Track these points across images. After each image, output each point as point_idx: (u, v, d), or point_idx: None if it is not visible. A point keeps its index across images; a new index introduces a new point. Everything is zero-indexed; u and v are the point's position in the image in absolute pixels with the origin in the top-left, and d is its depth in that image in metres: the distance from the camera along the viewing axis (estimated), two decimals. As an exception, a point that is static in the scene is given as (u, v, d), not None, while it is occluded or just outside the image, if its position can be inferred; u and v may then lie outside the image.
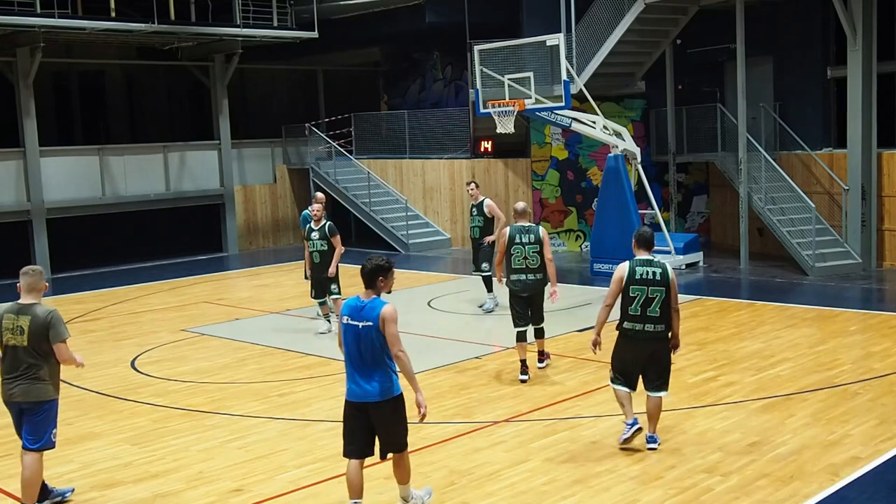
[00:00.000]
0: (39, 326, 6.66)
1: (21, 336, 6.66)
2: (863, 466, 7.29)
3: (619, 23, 18.37)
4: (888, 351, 10.91)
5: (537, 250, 10.03)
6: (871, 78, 16.23)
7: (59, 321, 6.75)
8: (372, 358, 6.27)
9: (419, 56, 25.31)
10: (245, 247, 24.09)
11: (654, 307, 7.69)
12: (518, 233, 10.11)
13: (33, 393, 6.70)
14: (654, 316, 7.71)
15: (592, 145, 19.81)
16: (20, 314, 6.71)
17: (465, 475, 7.39)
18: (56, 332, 6.69)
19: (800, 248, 16.64)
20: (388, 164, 23.88)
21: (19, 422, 6.82)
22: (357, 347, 6.29)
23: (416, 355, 11.64)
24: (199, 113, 26.10)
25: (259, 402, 9.70)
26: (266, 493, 7.23)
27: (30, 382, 6.68)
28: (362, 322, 6.26)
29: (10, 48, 19.57)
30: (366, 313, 6.26)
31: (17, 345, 6.68)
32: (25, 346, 6.66)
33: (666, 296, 7.69)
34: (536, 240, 10.06)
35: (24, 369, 6.67)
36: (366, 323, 6.25)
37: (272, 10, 22.03)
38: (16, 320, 6.70)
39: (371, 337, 6.24)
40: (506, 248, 10.15)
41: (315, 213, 12.65)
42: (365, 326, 6.25)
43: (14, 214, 20.05)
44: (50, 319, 6.69)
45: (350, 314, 6.33)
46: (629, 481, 7.15)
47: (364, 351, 6.27)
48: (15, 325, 6.69)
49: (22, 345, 6.67)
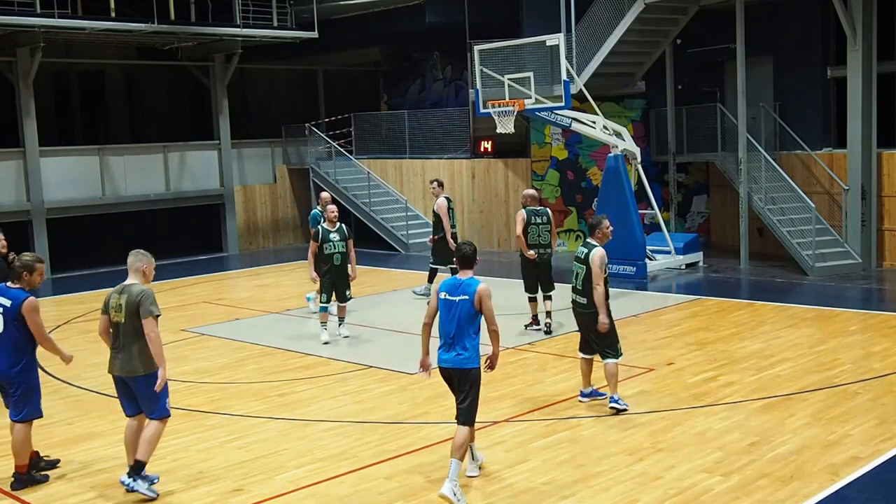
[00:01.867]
0: (132, 304, 7.14)
1: (121, 313, 7.20)
2: (863, 466, 7.29)
3: (619, 23, 18.37)
4: (888, 351, 10.91)
5: (548, 229, 12.31)
6: (871, 78, 16.23)
7: (148, 299, 7.15)
8: (463, 329, 6.97)
9: (419, 56, 25.31)
10: (245, 247, 24.09)
11: None
12: (532, 215, 12.23)
13: (132, 367, 7.19)
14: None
15: (592, 145, 19.81)
16: (121, 293, 7.26)
17: (465, 475, 7.39)
18: (144, 309, 7.11)
19: (800, 248, 16.64)
20: (388, 164, 23.88)
21: (125, 393, 7.35)
22: (450, 320, 7.00)
23: (416, 355, 11.64)
24: (199, 113, 26.10)
25: (259, 402, 9.70)
26: (266, 493, 7.23)
27: (128, 356, 7.19)
28: (459, 297, 7.01)
29: (10, 48, 19.58)
30: (463, 289, 7.02)
31: (119, 321, 7.23)
32: (123, 321, 7.18)
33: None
34: (548, 220, 12.30)
35: (124, 344, 7.21)
36: (462, 297, 6.99)
37: (272, 10, 22.03)
38: (118, 299, 7.25)
39: (464, 311, 6.97)
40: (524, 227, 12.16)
41: (332, 215, 12.32)
42: (461, 300, 6.99)
43: (14, 214, 20.04)
44: (140, 297, 7.14)
45: (448, 291, 7.09)
46: (629, 481, 7.15)
47: (456, 323, 6.98)
48: (117, 303, 7.25)
49: (121, 321, 7.20)
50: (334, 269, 12.25)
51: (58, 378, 11.06)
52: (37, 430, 9.05)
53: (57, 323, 14.66)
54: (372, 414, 9.22)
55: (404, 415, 9.15)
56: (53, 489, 7.47)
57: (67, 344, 13.28)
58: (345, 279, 12.37)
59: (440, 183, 15.45)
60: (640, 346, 11.82)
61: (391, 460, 7.82)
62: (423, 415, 9.13)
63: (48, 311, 16.77)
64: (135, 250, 7.42)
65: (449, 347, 7.02)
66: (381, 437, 8.48)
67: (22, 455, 7.53)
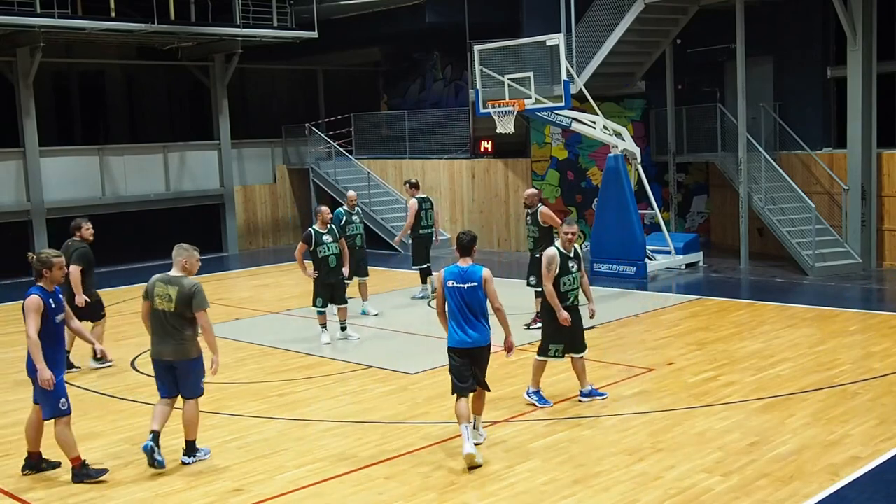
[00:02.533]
0: (184, 296, 7.63)
1: (169, 303, 7.67)
2: (863, 466, 7.29)
3: (619, 23, 18.37)
4: (888, 351, 10.91)
5: (535, 230, 12.51)
6: (871, 78, 16.23)
7: (200, 293, 7.72)
8: (476, 312, 7.66)
9: (419, 56, 25.31)
10: (245, 247, 24.09)
11: None
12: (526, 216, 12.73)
13: (181, 352, 7.73)
14: None
15: (592, 145, 19.81)
16: (169, 284, 7.73)
17: (465, 475, 7.39)
18: (197, 302, 7.68)
19: (800, 248, 16.65)
20: (388, 164, 23.88)
21: (167, 377, 7.85)
22: (464, 305, 7.64)
23: (416, 355, 11.71)
24: (199, 113, 26.10)
25: (259, 402, 9.70)
26: (266, 493, 7.23)
27: (177, 343, 7.71)
28: (467, 283, 7.66)
29: (10, 48, 19.58)
30: (469, 277, 7.66)
31: (166, 310, 7.69)
32: (173, 311, 7.67)
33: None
34: (533, 221, 12.46)
35: (172, 331, 7.70)
36: (471, 284, 7.65)
37: (272, 10, 22.03)
38: (165, 289, 7.71)
39: (474, 296, 7.64)
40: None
41: (326, 216, 12.16)
42: (470, 287, 7.65)
43: (14, 214, 20.06)
44: (194, 291, 7.67)
45: (455, 279, 7.68)
46: (629, 481, 7.15)
47: (470, 307, 7.63)
48: (164, 292, 7.70)
49: (170, 310, 7.67)
50: (330, 271, 12.15)
51: (58, 378, 11.07)
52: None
53: (57, 323, 14.64)
54: (372, 414, 9.22)
55: (404, 415, 9.15)
56: (53, 489, 7.46)
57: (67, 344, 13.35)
58: (341, 281, 12.35)
59: (413, 184, 15.70)
60: (640, 346, 11.83)
61: (391, 460, 7.82)
62: (423, 415, 9.13)
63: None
64: (178, 244, 7.89)
65: (465, 330, 7.66)
66: (381, 437, 8.48)
67: (69, 449, 7.50)
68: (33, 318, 7.27)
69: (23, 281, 19.86)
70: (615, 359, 11.11)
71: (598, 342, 11.95)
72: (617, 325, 13.03)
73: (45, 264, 7.44)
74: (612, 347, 11.74)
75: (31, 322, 7.27)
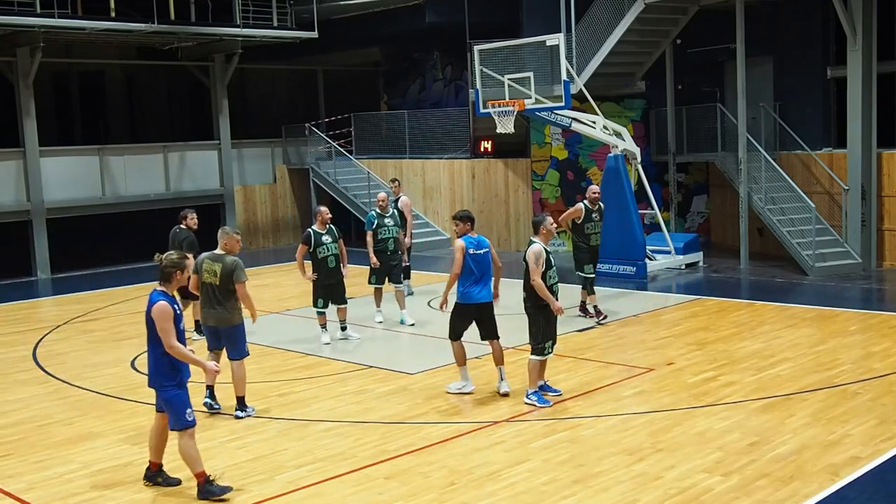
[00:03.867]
0: (227, 271, 8.92)
1: (215, 277, 8.94)
2: (863, 466, 7.28)
3: (619, 23, 18.35)
4: (888, 351, 10.91)
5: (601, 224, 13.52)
6: (871, 78, 16.23)
7: (240, 268, 8.96)
8: (486, 273, 9.47)
9: (419, 56, 25.32)
10: (245, 247, 24.05)
11: None
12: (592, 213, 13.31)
13: (225, 319, 9.01)
14: None
15: (592, 145, 19.81)
16: (215, 261, 9.02)
17: (465, 475, 7.39)
18: (237, 275, 8.91)
19: (800, 248, 16.64)
20: (388, 164, 23.88)
21: (214, 341, 9.19)
22: (480, 268, 9.39)
23: (416, 355, 11.71)
24: (199, 113, 26.09)
25: (259, 402, 9.69)
26: (266, 493, 7.23)
27: (222, 311, 8.99)
28: (483, 250, 9.45)
29: (10, 48, 19.57)
30: (482, 244, 9.50)
31: (212, 283, 8.96)
32: (218, 284, 8.93)
33: None
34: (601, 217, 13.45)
35: (217, 302, 8.98)
36: (485, 250, 9.47)
37: (272, 10, 22.03)
38: (212, 265, 9.00)
39: (488, 259, 9.48)
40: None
41: (326, 217, 12.01)
42: (485, 252, 9.47)
43: (14, 214, 20.04)
44: (234, 267, 8.93)
45: (475, 247, 9.42)
46: (629, 481, 7.15)
47: (484, 269, 9.42)
48: (211, 268, 8.99)
49: (215, 283, 8.94)
50: (329, 272, 12.06)
51: (58, 378, 11.07)
52: (36, 431, 9.10)
53: (56, 323, 14.66)
54: (372, 414, 9.22)
55: (404, 415, 9.15)
56: (53, 489, 7.46)
57: (67, 344, 13.36)
58: (340, 281, 12.28)
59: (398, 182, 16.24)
60: (640, 346, 11.82)
61: (391, 460, 7.81)
62: (423, 415, 9.13)
63: (48, 311, 16.80)
64: (226, 227, 9.27)
65: (482, 287, 9.40)
66: (381, 437, 8.48)
67: (193, 464, 7.15)
68: (170, 328, 6.94)
69: (23, 281, 19.93)
70: (615, 359, 11.12)
71: (598, 342, 11.97)
72: (617, 325, 13.03)
73: (176, 266, 7.19)
74: (612, 347, 11.75)
75: (170, 333, 6.91)
